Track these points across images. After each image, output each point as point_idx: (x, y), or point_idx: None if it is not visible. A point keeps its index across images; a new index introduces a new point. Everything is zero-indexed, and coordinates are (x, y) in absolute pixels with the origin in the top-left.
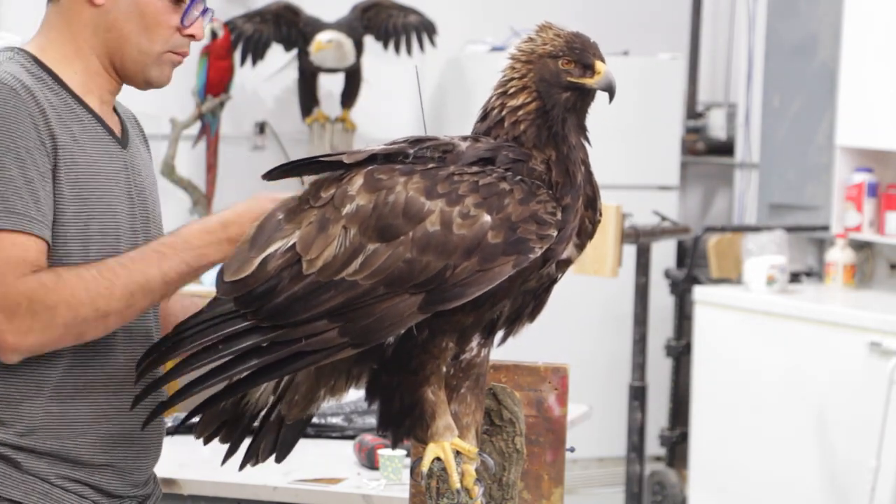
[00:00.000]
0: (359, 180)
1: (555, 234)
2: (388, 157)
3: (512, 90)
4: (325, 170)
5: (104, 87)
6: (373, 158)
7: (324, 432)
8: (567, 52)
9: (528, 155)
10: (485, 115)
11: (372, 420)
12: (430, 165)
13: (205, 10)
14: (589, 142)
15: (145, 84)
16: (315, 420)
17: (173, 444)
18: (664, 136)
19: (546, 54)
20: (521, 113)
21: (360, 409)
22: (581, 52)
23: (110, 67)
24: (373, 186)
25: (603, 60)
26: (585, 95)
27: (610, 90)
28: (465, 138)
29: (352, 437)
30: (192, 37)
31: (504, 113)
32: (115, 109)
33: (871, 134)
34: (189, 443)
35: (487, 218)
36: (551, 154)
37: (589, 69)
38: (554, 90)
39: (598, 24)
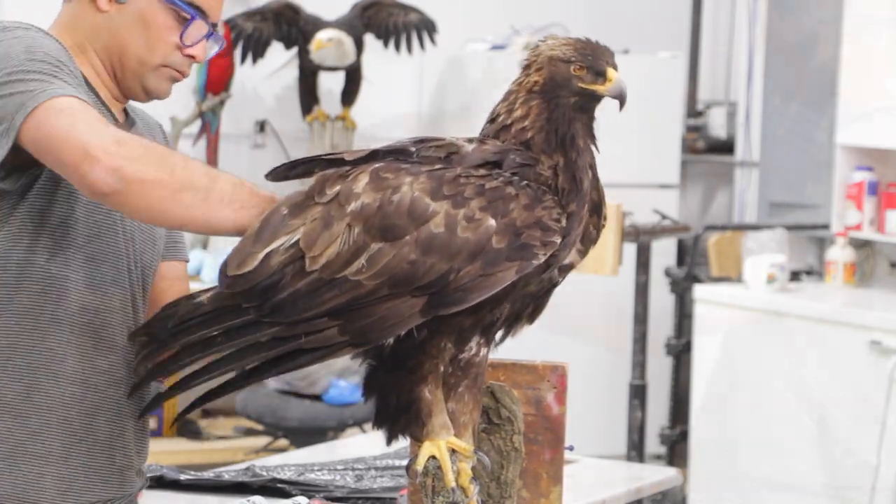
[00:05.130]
0: (364, 178)
1: (559, 240)
2: (390, 154)
3: (520, 98)
4: (327, 168)
5: (111, 89)
6: (374, 155)
7: None
8: (579, 58)
9: (536, 160)
10: (493, 118)
11: None
12: (437, 166)
13: (210, 34)
14: (597, 147)
15: (144, 94)
16: None
17: None
18: (664, 135)
19: (557, 58)
20: (528, 121)
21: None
22: (593, 59)
23: (112, 73)
24: (378, 185)
25: (615, 68)
26: (592, 99)
27: (621, 98)
28: (470, 140)
29: None
30: (192, 57)
31: (511, 119)
32: (126, 111)
33: (871, 132)
34: None
35: (492, 222)
36: (559, 160)
37: (601, 76)
38: (562, 93)
39: (598, 22)
